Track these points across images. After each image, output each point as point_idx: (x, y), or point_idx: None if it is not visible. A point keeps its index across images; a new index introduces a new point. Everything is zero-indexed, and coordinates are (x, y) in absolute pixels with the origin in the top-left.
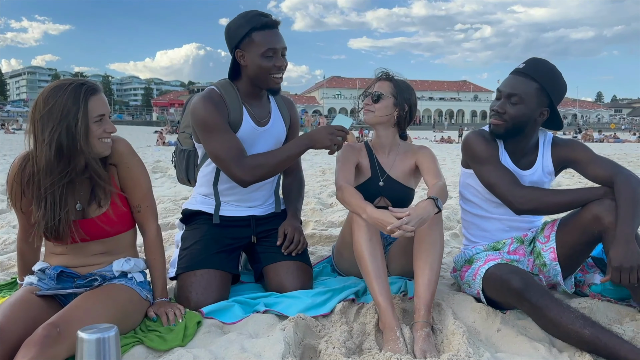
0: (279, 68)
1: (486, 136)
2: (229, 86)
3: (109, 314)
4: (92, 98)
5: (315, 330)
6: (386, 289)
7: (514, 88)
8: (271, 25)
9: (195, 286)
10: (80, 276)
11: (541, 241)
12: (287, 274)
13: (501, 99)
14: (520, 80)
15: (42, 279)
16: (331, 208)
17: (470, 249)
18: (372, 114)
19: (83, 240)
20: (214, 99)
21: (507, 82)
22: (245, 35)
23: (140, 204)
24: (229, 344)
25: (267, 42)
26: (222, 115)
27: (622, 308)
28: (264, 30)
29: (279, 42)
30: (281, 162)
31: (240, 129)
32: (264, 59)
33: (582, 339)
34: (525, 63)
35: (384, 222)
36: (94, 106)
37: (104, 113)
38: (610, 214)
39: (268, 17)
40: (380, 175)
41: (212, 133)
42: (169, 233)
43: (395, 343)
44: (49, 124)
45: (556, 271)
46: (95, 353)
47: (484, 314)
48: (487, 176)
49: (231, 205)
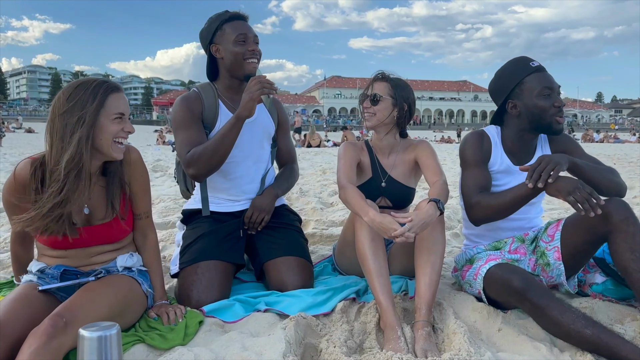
0: (252, 52)
1: (484, 139)
2: (208, 85)
3: (111, 304)
4: (112, 95)
5: (316, 329)
6: (388, 288)
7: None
8: (238, 17)
9: (196, 284)
10: (83, 273)
11: (545, 240)
12: (288, 271)
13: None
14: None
15: (42, 279)
16: (332, 207)
17: (472, 248)
18: (374, 117)
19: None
20: (189, 97)
21: (549, 78)
22: (217, 28)
23: (146, 211)
24: (229, 342)
25: (237, 29)
26: (192, 113)
27: (624, 308)
28: (233, 21)
29: (248, 30)
30: (217, 144)
31: (218, 122)
32: (237, 45)
33: (584, 339)
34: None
35: (386, 228)
36: (113, 103)
37: (123, 112)
38: (618, 213)
39: (232, 12)
40: (382, 176)
41: (177, 130)
42: (169, 232)
43: (396, 342)
44: (70, 120)
45: (560, 271)
46: (97, 351)
47: (485, 313)
48: (462, 181)
49: (225, 202)
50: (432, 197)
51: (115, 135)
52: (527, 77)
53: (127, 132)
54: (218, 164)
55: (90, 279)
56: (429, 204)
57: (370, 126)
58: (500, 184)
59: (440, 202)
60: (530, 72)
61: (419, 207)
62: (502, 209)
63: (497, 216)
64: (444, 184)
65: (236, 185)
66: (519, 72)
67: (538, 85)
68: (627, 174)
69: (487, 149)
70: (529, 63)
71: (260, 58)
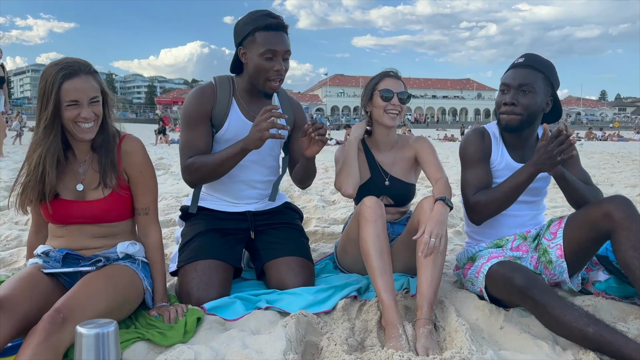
0: (278, 72)
1: (485, 136)
2: (226, 80)
3: (109, 299)
4: (66, 82)
5: (317, 327)
6: (391, 286)
7: (524, 79)
8: (275, 27)
9: (196, 282)
10: (85, 258)
11: (547, 238)
12: (289, 271)
13: (509, 92)
14: (526, 71)
15: (47, 262)
16: (333, 205)
17: (473, 246)
18: (399, 116)
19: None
20: (204, 92)
21: (513, 75)
22: (249, 33)
23: (148, 207)
24: (230, 340)
25: (268, 43)
26: (201, 111)
27: (627, 306)
28: (267, 31)
29: (279, 44)
30: (216, 165)
31: (227, 121)
32: (263, 60)
33: (586, 337)
34: (523, 57)
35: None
36: (67, 90)
37: (76, 99)
38: (620, 210)
39: (275, 19)
40: (385, 176)
41: (184, 126)
42: (171, 230)
43: (398, 340)
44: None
45: (562, 268)
46: (94, 348)
47: (487, 311)
48: (463, 180)
49: (223, 202)
50: (438, 197)
51: (72, 119)
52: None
53: (84, 117)
54: (214, 179)
55: (92, 268)
56: (437, 202)
57: (394, 124)
58: (500, 181)
59: (446, 199)
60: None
61: (420, 208)
62: (502, 201)
63: (496, 211)
64: (446, 182)
65: (236, 189)
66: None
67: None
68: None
69: (487, 146)
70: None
71: (285, 73)
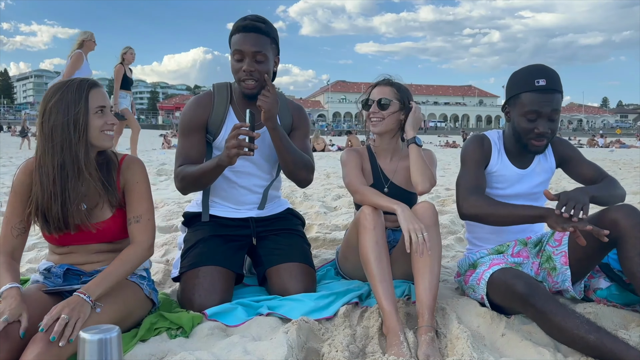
0: (246, 72)
1: (485, 142)
2: (224, 87)
3: (111, 310)
4: (93, 91)
5: (318, 334)
6: (391, 292)
7: (556, 104)
8: (244, 28)
9: (198, 288)
10: (86, 273)
11: (552, 245)
12: (290, 277)
13: (542, 120)
14: (556, 97)
15: (49, 278)
16: (335, 211)
17: (474, 253)
18: (382, 123)
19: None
20: (201, 101)
21: (542, 100)
22: (229, 38)
23: (141, 215)
24: (231, 346)
25: (235, 43)
26: (196, 120)
27: (628, 313)
28: (238, 33)
29: (245, 45)
30: (198, 176)
31: (224, 129)
32: (234, 61)
33: (587, 345)
34: (544, 79)
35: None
36: (94, 98)
37: (104, 105)
38: (628, 219)
39: (246, 21)
40: (385, 182)
41: (180, 134)
42: (173, 235)
43: (399, 347)
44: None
45: (565, 276)
46: (97, 354)
47: (488, 318)
48: (458, 177)
49: (226, 207)
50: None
51: (100, 129)
52: (523, 94)
53: (111, 124)
54: (199, 189)
55: None
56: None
57: (378, 131)
58: (500, 187)
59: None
60: (529, 90)
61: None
62: (495, 216)
63: (485, 219)
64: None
65: (237, 194)
66: (520, 85)
67: (527, 106)
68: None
69: (487, 152)
70: (534, 80)
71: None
